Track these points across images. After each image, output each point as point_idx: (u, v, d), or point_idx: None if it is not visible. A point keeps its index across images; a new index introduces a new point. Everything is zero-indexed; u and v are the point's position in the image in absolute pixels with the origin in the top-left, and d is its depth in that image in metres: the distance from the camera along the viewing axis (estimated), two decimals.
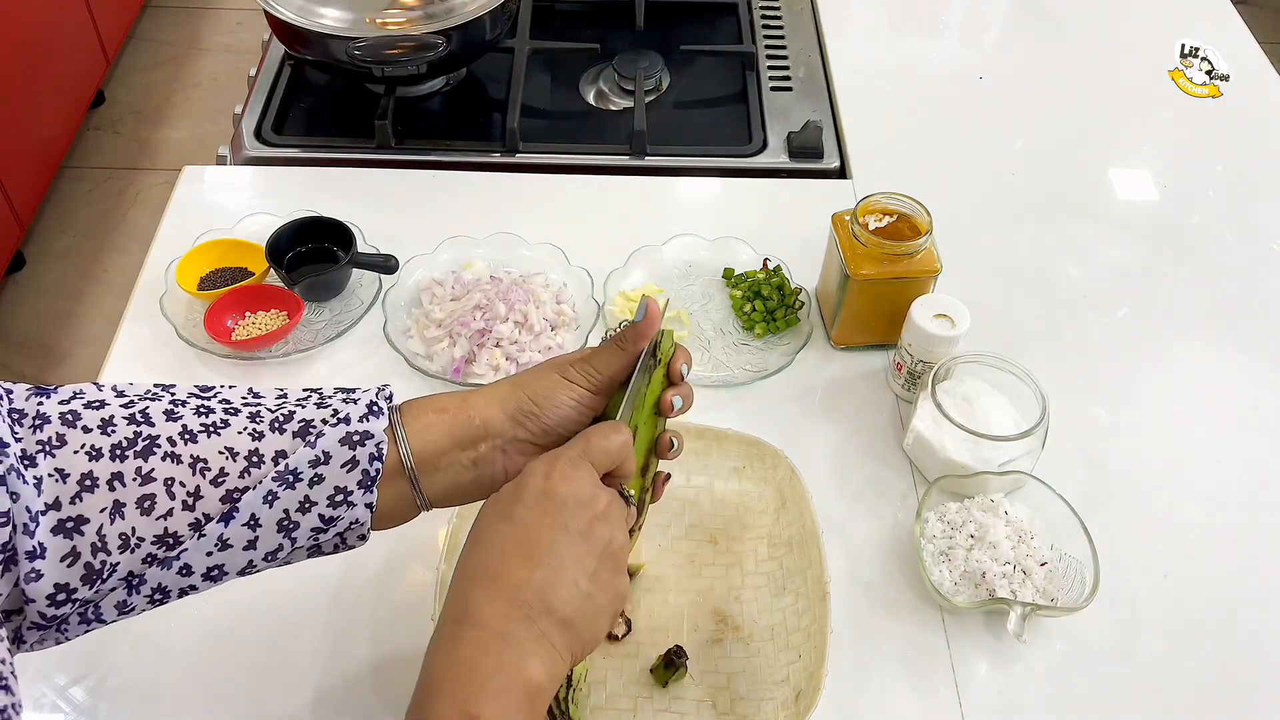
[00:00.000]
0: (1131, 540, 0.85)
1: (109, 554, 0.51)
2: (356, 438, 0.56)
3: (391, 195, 1.12)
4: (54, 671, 0.74)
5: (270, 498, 0.54)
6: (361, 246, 1.01)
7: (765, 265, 1.02)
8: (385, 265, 1.00)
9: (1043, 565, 0.79)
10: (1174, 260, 1.11)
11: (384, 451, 0.57)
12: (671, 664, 0.73)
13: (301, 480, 0.55)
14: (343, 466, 0.56)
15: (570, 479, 0.55)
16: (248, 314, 0.97)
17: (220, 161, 1.18)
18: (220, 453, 0.54)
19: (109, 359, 0.95)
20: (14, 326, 2.14)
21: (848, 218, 0.94)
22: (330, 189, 1.12)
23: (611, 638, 0.77)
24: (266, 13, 1.16)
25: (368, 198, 1.11)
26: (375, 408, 0.58)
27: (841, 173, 1.19)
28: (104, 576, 0.51)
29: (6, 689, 0.46)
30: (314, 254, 1.01)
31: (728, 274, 1.04)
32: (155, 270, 1.01)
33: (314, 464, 0.55)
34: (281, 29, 1.18)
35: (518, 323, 0.95)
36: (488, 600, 0.51)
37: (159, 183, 2.43)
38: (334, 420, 0.56)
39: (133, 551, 0.52)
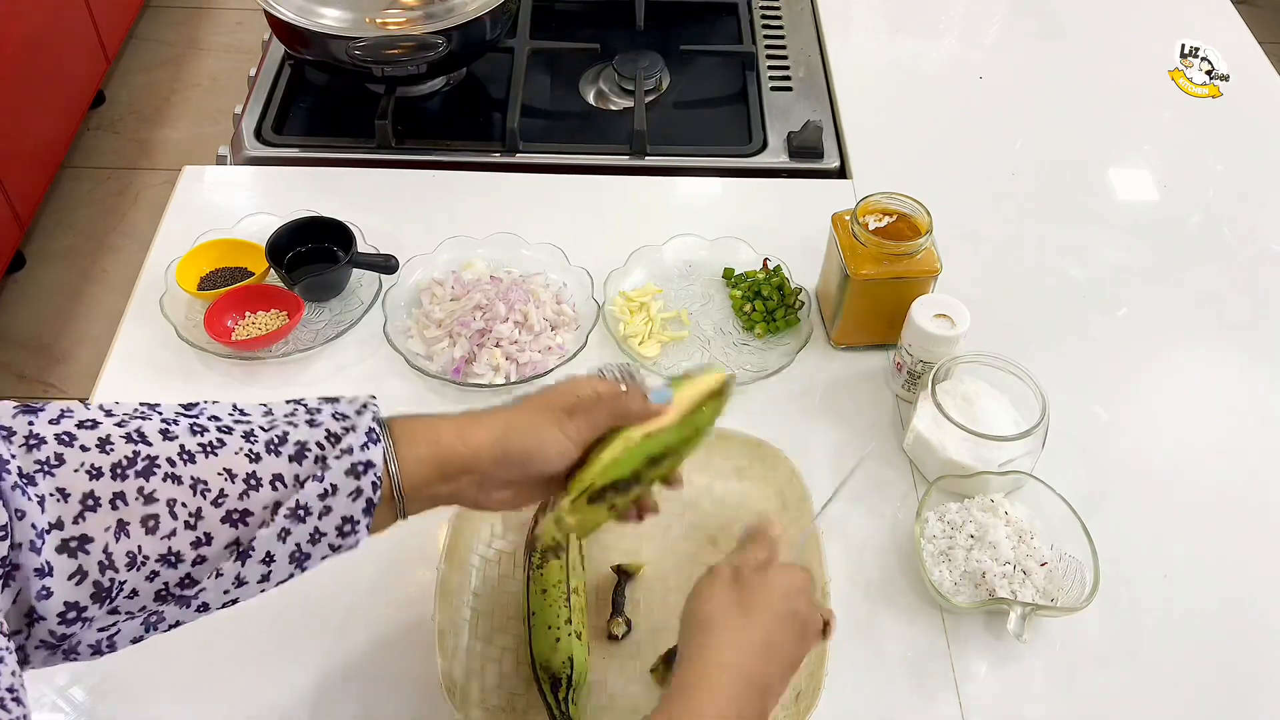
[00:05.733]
0: (1131, 540, 0.85)
1: (117, 571, 0.51)
2: (360, 468, 0.58)
3: (391, 195, 1.12)
4: (54, 671, 0.74)
5: (284, 534, 0.56)
6: (361, 246, 1.01)
7: (765, 265, 1.02)
8: (385, 265, 1.00)
9: (1043, 565, 0.79)
10: (1174, 260, 1.11)
11: (380, 478, 0.58)
12: (672, 663, 0.73)
13: (312, 514, 0.57)
14: (349, 496, 0.57)
15: (806, 592, 0.66)
16: (248, 314, 0.97)
17: (220, 161, 1.18)
18: (219, 474, 0.55)
19: (109, 359, 0.95)
20: (14, 326, 2.14)
21: (848, 218, 0.94)
22: (330, 189, 1.12)
23: (611, 638, 0.77)
24: (266, 13, 1.16)
25: (368, 198, 1.11)
26: (373, 434, 0.59)
27: (841, 173, 1.19)
28: (113, 595, 0.51)
29: (11, 708, 0.45)
30: (314, 254, 1.01)
31: (728, 274, 1.04)
32: (155, 270, 1.01)
33: (322, 497, 0.57)
34: (281, 29, 1.18)
35: (518, 323, 0.95)
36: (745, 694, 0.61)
37: (159, 183, 2.43)
38: (337, 451, 0.58)
39: (139, 569, 0.52)
